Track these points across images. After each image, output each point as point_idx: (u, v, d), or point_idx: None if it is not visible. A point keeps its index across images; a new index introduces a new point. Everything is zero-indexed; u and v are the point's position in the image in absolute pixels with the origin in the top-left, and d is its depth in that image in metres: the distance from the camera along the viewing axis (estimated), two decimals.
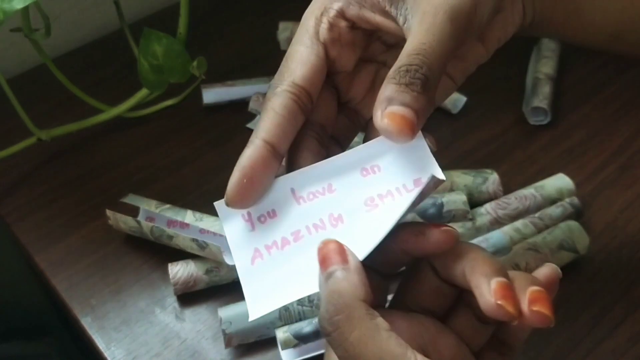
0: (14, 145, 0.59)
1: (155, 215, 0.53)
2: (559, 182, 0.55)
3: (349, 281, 0.29)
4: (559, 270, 0.32)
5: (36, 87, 0.68)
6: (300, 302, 0.48)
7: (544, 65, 0.66)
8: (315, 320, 0.47)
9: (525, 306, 0.28)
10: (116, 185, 0.59)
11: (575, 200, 0.54)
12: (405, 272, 0.34)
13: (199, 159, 0.62)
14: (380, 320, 0.29)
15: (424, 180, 0.31)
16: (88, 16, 0.74)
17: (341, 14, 0.35)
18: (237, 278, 0.51)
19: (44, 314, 0.86)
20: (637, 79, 0.68)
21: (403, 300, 0.34)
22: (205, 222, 0.51)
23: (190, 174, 0.61)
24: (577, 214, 0.54)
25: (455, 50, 0.32)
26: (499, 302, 0.28)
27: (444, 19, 0.31)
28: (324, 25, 0.35)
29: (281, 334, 0.47)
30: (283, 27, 0.72)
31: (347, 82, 0.37)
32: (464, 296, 0.33)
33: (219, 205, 0.33)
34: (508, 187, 0.57)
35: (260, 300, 0.32)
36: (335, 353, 0.29)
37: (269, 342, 0.48)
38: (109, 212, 0.54)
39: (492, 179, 0.56)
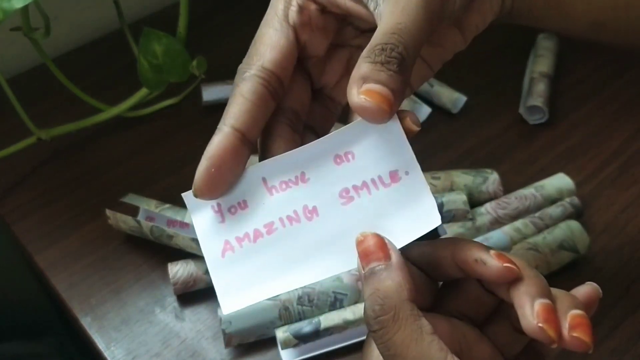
0: (13, 145, 0.59)
1: (155, 215, 0.53)
2: (559, 181, 0.55)
3: (393, 280, 0.29)
4: (600, 289, 0.32)
5: (36, 87, 0.68)
6: (300, 301, 0.48)
7: (538, 64, 0.66)
8: (315, 320, 0.47)
9: (565, 330, 0.28)
10: (116, 185, 0.59)
11: (576, 200, 0.54)
12: None
13: (199, 158, 0.61)
14: (424, 322, 0.28)
15: (400, 175, 0.30)
16: (88, 16, 0.74)
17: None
18: None
19: (44, 313, 0.86)
20: (637, 78, 0.68)
21: (443, 304, 0.33)
22: None
23: (190, 173, 0.60)
24: (577, 214, 0.54)
25: (429, 34, 0.31)
26: (540, 325, 0.28)
27: (419, 2, 0.30)
28: (294, 8, 0.34)
29: (281, 333, 0.47)
30: None
31: (319, 68, 0.36)
32: (503, 306, 0.33)
33: (187, 196, 0.32)
34: (508, 186, 0.57)
35: (233, 294, 0.31)
36: (377, 348, 0.29)
37: (269, 342, 0.48)
38: (108, 212, 0.53)
39: (492, 179, 0.55)
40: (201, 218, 0.31)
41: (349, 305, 0.49)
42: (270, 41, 0.33)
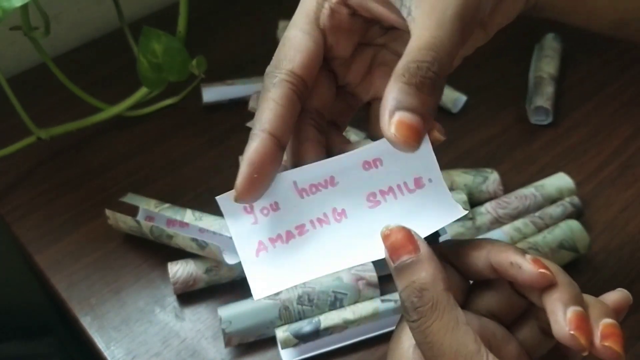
0: (13, 144, 0.59)
1: (154, 214, 0.53)
2: (560, 181, 0.55)
3: (427, 271, 0.29)
4: (630, 296, 0.32)
5: (36, 86, 0.68)
6: (300, 301, 0.48)
7: (547, 65, 0.66)
8: (315, 320, 0.47)
9: (597, 339, 0.29)
10: (116, 184, 0.59)
11: (576, 199, 0.54)
12: None
13: (199, 158, 0.62)
14: (460, 313, 0.29)
15: (424, 181, 0.32)
16: (87, 15, 0.74)
17: (343, 0, 0.34)
18: (237, 277, 0.51)
19: (44, 313, 0.86)
20: (637, 78, 0.68)
21: (473, 303, 0.34)
22: (205, 221, 0.51)
23: (189, 172, 0.61)
24: (577, 213, 0.54)
25: (463, 46, 0.31)
26: (572, 332, 0.28)
27: (454, 13, 0.30)
28: (325, 12, 0.34)
29: (281, 333, 0.47)
30: (283, 26, 0.72)
31: (344, 67, 0.37)
32: (532, 308, 0.33)
33: (222, 199, 0.32)
34: (508, 186, 0.56)
35: (264, 282, 0.32)
36: (414, 336, 0.30)
37: (269, 342, 0.48)
38: (108, 212, 0.53)
39: (492, 178, 0.55)
40: (235, 220, 0.32)
41: (349, 305, 0.49)
42: (299, 44, 0.33)
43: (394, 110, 0.29)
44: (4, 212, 0.58)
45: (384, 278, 0.52)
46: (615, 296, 0.32)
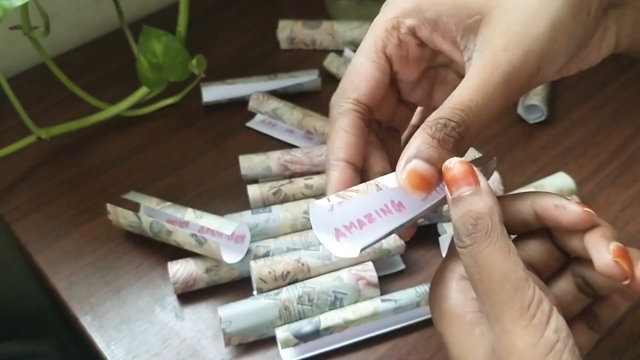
0: (13, 144, 0.59)
1: (155, 213, 0.53)
2: (560, 180, 0.55)
3: (485, 203, 0.30)
4: None
5: (35, 86, 0.68)
6: (300, 301, 0.48)
7: None
8: (315, 319, 0.47)
9: (638, 272, 0.30)
10: (116, 184, 0.59)
11: (576, 199, 0.54)
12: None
13: (199, 157, 0.62)
14: (512, 245, 0.30)
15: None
16: (87, 15, 0.74)
17: (412, 32, 0.34)
18: (237, 277, 0.52)
19: (44, 313, 0.86)
20: (637, 78, 0.68)
21: None
22: (206, 219, 0.51)
23: (190, 172, 0.61)
24: None
25: (503, 111, 0.32)
26: (616, 259, 0.30)
27: (500, 80, 0.31)
28: (394, 41, 0.34)
29: (281, 333, 0.47)
30: (282, 26, 0.72)
31: (409, 88, 0.38)
32: (570, 264, 0.34)
33: (313, 206, 0.33)
34: (508, 186, 0.57)
35: (353, 245, 0.33)
36: (463, 261, 0.31)
37: (269, 341, 0.48)
38: (109, 207, 0.54)
39: (492, 178, 0.55)
40: (316, 215, 0.34)
41: (349, 305, 0.49)
42: (365, 73, 0.34)
43: (411, 157, 0.30)
44: (3, 212, 0.58)
45: (384, 278, 0.52)
46: None
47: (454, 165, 0.31)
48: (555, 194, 0.33)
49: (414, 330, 0.49)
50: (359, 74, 0.34)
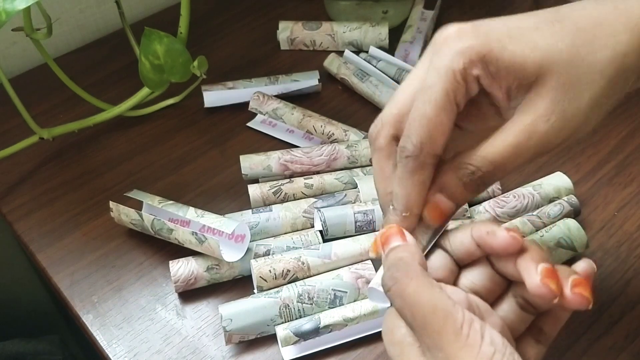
0: (16, 144, 0.60)
1: (157, 211, 0.53)
2: (557, 180, 0.56)
3: (408, 251, 0.34)
4: (594, 265, 0.35)
5: (38, 87, 0.68)
6: (300, 299, 0.48)
7: None
8: (315, 317, 0.47)
9: (568, 289, 0.32)
10: (117, 184, 0.60)
11: (573, 198, 0.54)
12: None
13: (200, 157, 0.62)
14: (432, 280, 0.32)
15: None
16: (89, 16, 0.74)
17: (477, 80, 0.34)
18: (238, 275, 0.52)
19: (46, 311, 0.86)
20: None
21: (459, 282, 0.36)
22: (207, 218, 0.51)
23: (190, 172, 0.61)
24: (575, 212, 0.54)
25: (528, 164, 0.34)
26: (544, 280, 0.31)
27: (534, 146, 0.33)
28: (462, 91, 0.34)
29: (281, 331, 0.47)
30: (283, 27, 0.72)
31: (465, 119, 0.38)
32: (511, 287, 0.36)
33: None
34: (506, 185, 0.57)
35: None
36: (394, 306, 0.33)
37: (270, 339, 0.49)
38: (112, 204, 0.54)
39: None
40: (374, 293, 0.37)
41: (349, 303, 0.49)
42: (443, 128, 0.34)
43: (438, 189, 0.34)
44: (6, 211, 0.58)
45: None
46: (583, 265, 0.35)
47: (388, 228, 0.35)
48: (489, 222, 0.35)
49: None
50: (437, 128, 0.34)
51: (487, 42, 0.34)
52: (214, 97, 0.65)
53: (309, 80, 0.66)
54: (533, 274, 0.32)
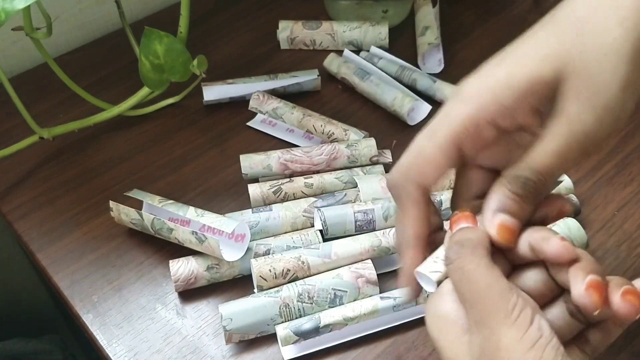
0: (16, 144, 0.60)
1: (157, 211, 0.53)
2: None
3: (477, 233, 0.34)
4: None
5: (38, 86, 0.68)
6: (300, 298, 0.48)
7: None
8: (315, 317, 0.47)
9: (617, 296, 0.32)
10: (117, 183, 0.60)
11: (573, 197, 0.54)
12: None
13: (200, 157, 0.62)
14: (495, 265, 0.33)
15: None
16: (89, 15, 0.74)
17: (493, 123, 0.35)
18: (238, 275, 0.52)
19: (46, 311, 0.86)
20: None
21: (512, 282, 0.36)
22: (207, 218, 0.51)
23: (191, 171, 0.61)
24: (575, 212, 0.54)
25: (575, 166, 0.35)
26: (588, 290, 0.31)
27: (575, 146, 0.33)
28: (471, 138, 0.35)
29: (281, 330, 0.47)
30: (283, 26, 0.72)
31: (476, 153, 0.37)
32: (564, 294, 0.35)
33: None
34: None
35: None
36: (451, 278, 0.34)
37: (270, 338, 0.49)
38: (112, 204, 0.54)
39: None
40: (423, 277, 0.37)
41: (349, 302, 0.49)
42: (436, 164, 0.35)
43: (496, 211, 0.34)
44: (6, 211, 0.58)
45: (383, 276, 0.52)
46: None
47: (460, 211, 0.35)
48: (546, 228, 0.34)
49: (413, 328, 0.49)
50: (429, 163, 0.35)
51: (507, 76, 0.34)
52: (213, 92, 0.65)
53: (308, 75, 0.66)
54: (579, 282, 0.32)
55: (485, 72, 0.35)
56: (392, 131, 0.63)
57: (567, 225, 0.52)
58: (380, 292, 0.50)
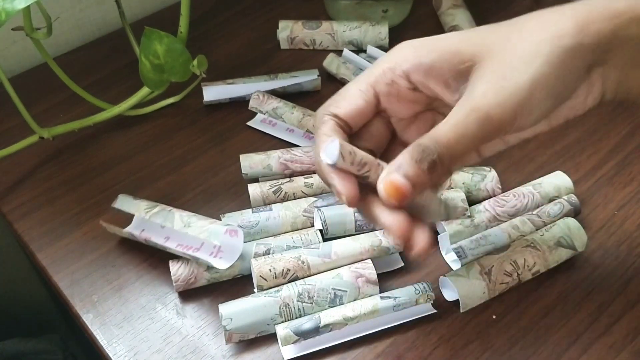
0: (16, 144, 0.60)
1: (145, 223, 0.53)
2: (557, 179, 0.56)
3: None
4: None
5: (38, 86, 0.68)
6: (300, 298, 0.48)
7: None
8: (315, 317, 0.47)
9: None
10: (117, 183, 0.60)
11: (574, 197, 0.54)
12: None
13: (200, 157, 0.62)
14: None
15: None
16: (89, 15, 0.74)
17: (406, 76, 0.38)
18: (238, 275, 0.52)
19: (46, 311, 0.86)
20: None
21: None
22: (193, 227, 0.51)
23: (191, 171, 0.61)
24: (575, 211, 0.54)
25: (477, 147, 0.36)
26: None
27: (473, 123, 0.35)
28: (385, 80, 0.38)
29: (281, 330, 0.47)
30: (283, 26, 0.72)
31: (402, 126, 0.41)
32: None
33: None
34: (506, 184, 0.57)
35: None
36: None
37: (270, 338, 0.49)
38: (103, 224, 0.54)
39: (490, 177, 0.56)
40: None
41: (349, 302, 0.49)
42: (350, 97, 0.39)
43: (392, 171, 0.35)
44: (6, 211, 0.58)
45: (383, 275, 0.52)
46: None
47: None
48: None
49: (413, 327, 0.49)
50: (345, 97, 0.39)
51: (421, 43, 0.38)
52: (213, 92, 0.65)
53: (308, 75, 0.66)
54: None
55: (422, 39, 0.39)
56: None
57: (567, 225, 0.52)
58: (380, 292, 0.50)
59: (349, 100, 0.39)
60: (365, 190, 0.37)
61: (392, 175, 0.35)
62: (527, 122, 0.36)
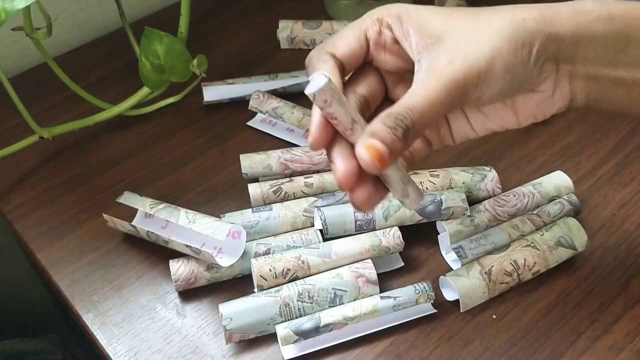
0: (16, 143, 0.60)
1: (150, 221, 0.53)
2: (557, 179, 0.56)
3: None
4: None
5: (38, 86, 0.68)
6: (300, 298, 0.48)
7: None
8: (315, 316, 0.47)
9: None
10: (117, 183, 0.60)
11: (574, 197, 0.54)
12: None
13: (200, 156, 0.62)
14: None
15: None
16: (89, 15, 0.74)
17: (390, 29, 0.40)
18: (238, 274, 0.52)
19: (46, 310, 0.86)
20: None
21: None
22: (198, 224, 0.51)
23: (191, 171, 0.61)
24: (575, 211, 0.54)
25: (445, 113, 0.38)
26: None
27: (443, 86, 0.36)
28: (375, 28, 0.41)
29: (281, 330, 0.47)
30: (283, 26, 0.72)
31: (393, 82, 0.43)
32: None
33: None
34: (506, 184, 0.57)
35: None
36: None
37: (270, 338, 0.49)
38: (106, 217, 0.54)
39: (490, 177, 0.56)
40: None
41: (349, 302, 0.49)
42: (345, 38, 0.41)
43: (368, 136, 0.35)
44: (6, 211, 0.58)
45: (383, 275, 0.52)
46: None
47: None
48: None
49: (413, 327, 0.49)
50: (340, 38, 0.41)
51: (406, 8, 0.40)
52: (213, 92, 0.65)
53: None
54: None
55: (412, 6, 0.41)
56: None
57: (567, 225, 0.52)
58: (380, 292, 0.50)
59: (345, 42, 0.41)
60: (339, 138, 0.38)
61: (371, 140, 0.35)
62: (488, 93, 0.38)
